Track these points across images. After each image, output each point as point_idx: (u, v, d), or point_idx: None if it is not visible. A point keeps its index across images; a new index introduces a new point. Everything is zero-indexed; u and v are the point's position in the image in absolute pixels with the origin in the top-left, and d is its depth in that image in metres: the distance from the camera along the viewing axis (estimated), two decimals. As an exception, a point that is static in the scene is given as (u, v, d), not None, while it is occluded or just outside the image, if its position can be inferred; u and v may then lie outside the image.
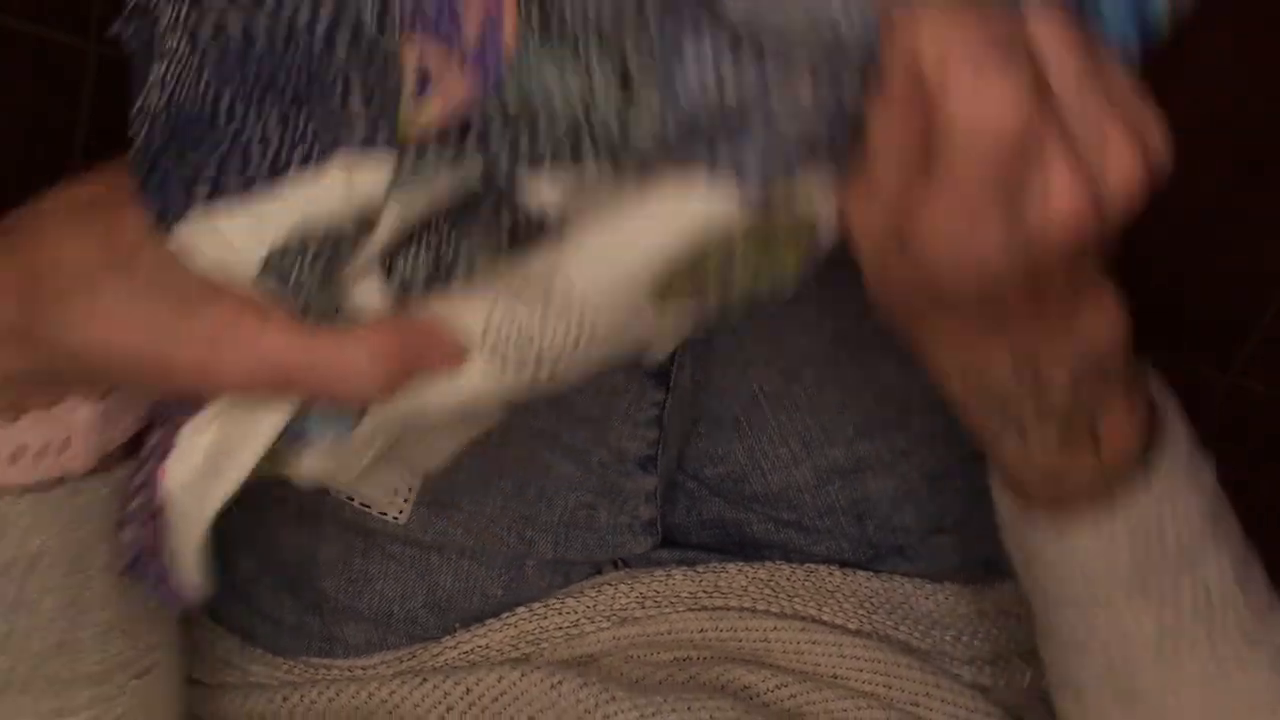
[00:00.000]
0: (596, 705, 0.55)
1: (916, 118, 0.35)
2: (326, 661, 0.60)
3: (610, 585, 0.60)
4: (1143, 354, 0.62)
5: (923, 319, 0.41)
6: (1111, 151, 0.36)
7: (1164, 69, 1.11)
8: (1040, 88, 0.34)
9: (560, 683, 0.56)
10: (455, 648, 0.59)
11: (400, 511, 0.57)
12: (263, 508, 0.59)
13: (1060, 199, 0.35)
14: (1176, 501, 0.46)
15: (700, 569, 0.61)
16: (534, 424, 0.59)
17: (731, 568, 0.61)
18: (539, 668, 0.57)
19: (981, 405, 0.44)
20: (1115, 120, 0.36)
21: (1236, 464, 1.33)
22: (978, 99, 0.33)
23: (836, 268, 0.41)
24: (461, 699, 0.57)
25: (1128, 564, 0.46)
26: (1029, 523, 0.47)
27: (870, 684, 0.60)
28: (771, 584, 0.61)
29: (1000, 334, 0.40)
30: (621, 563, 0.62)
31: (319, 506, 0.58)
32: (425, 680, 0.57)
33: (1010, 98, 0.33)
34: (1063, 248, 0.36)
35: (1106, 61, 0.37)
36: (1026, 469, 0.46)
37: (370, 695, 0.58)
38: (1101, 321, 0.42)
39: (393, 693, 0.57)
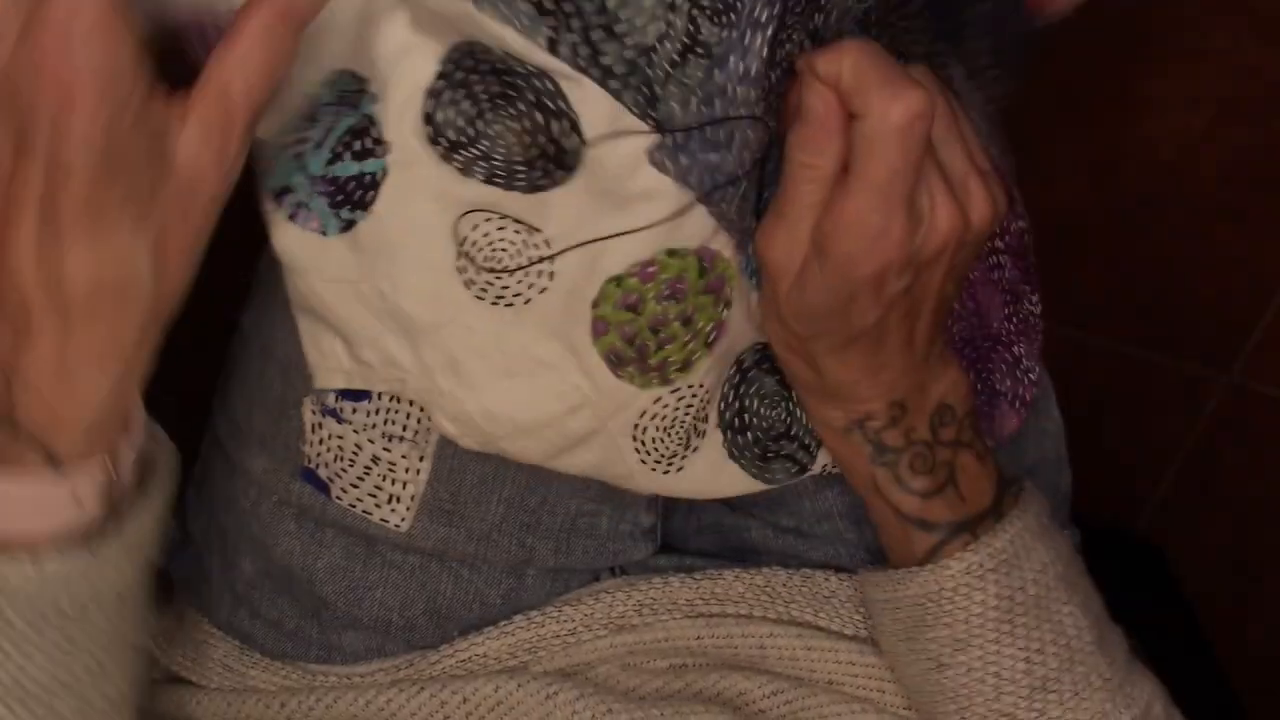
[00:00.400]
0: (593, 717, 0.56)
1: (833, 137, 0.46)
2: (324, 668, 0.60)
3: (608, 593, 0.60)
4: (1144, 354, 0.64)
5: (824, 352, 0.51)
6: (972, 196, 0.49)
7: (1164, 67, 1.11)
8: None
9: (556, 694, 0.56)
10: (453, 656, 0.59)
11: (402, 519, 0.57)
12: (264, 513, 0.59)
13: (941, 215, 0.48)
14: (1031, 550, 0.54)
15: (698, 576, 0.61)
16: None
17: (729, 574, 0.62)
18: (535, 678, 0.57)
19: (863, 450, 0.54)
20: (974, 173, 0.49)
21: (1237, 463, 1.34)
22: (891, 100, 0.45)
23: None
24: (458, 709, 0.57)
25: (994, 600, 0.53)
26: (910, 578, 0.54)
27: (865, 689, 0.60)
28: (768, 590, 0.62)
29: (881, 373, 0.52)
30: (620, 570, 0.62)
31: (320, 513, 0.58)
32: (422, 689, 0.58)
33: (916, 99, 0.45)
34: (940, 256, 0.49)
35: (968, 129, 0.50)
36: (904, 518, 0.54)
37: (368, 703, 0.58)
38: (950, 383, 0.54)
39: (389, 701, 0.58)
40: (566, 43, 0.45)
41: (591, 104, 0.45)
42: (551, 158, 0.46)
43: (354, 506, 0.57)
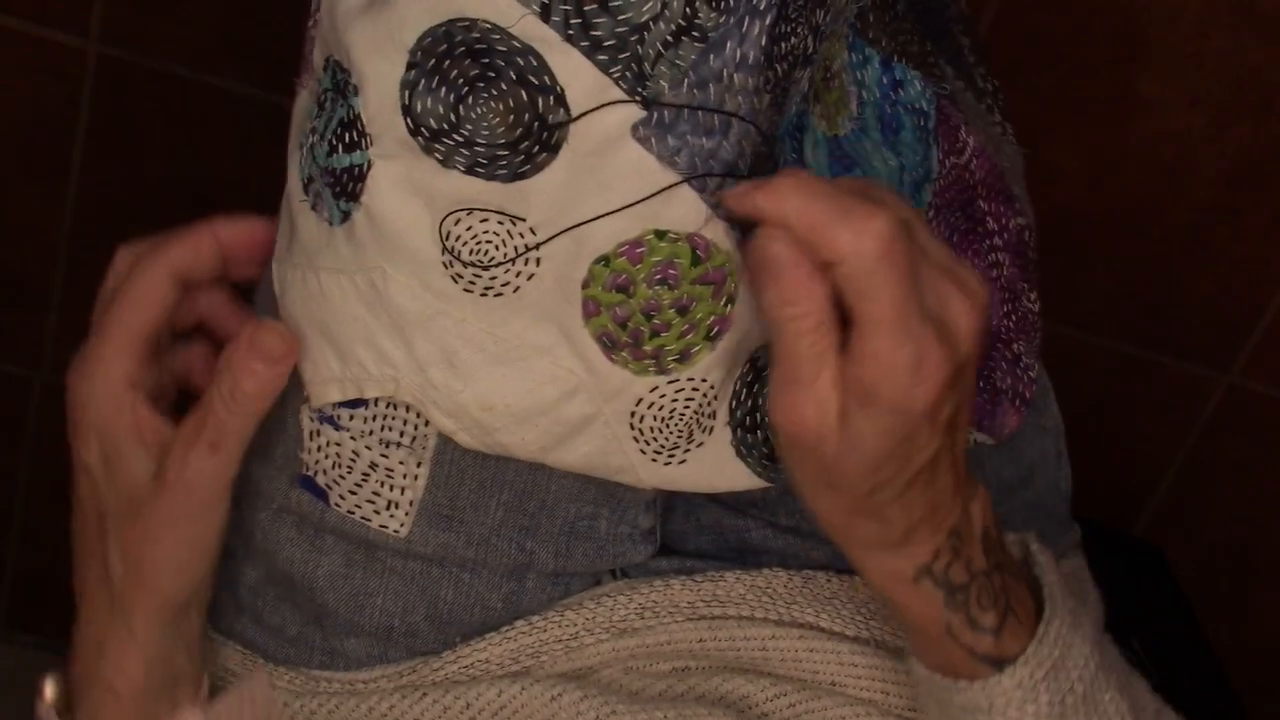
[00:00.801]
0: (597, 718, 0.56)
1: (809, 281, 0.44)
2: (327, 674, 0.60)
3: (609, 596, 0.60)
4: (1144, 354, 0.64)
5: (888, 502, 0.48)
6: (965, 276, 0.46)
7: (1164, 67, 1.12)
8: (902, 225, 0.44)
9: (559, 695, 0.56)
10: (455, 662, 0.59)
11: (401, 525, 0.57)
12: (264, 520, 0.59)
13: (958, 311, 0.45)
14: (1071, 645, 0.52)
15: (699, 578, 0.61)
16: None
17: (730, 576, 0.62)
18: (538, 681, 0.57)
19: (935, 597, 0.51)
20: (959, 263, 0.47)
21: (1236, 463, 1.35)
22: (858, 236, 0.42)
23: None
24: (461, 714, 0.57)
25: (1046, 709, 0.51)
26: (959, 690, 0.52)
27: (868, 691, 0.60)
28: (769, 591, 0.62)
29: (938, 503, 0.49)
30: (620, 572, 0.62)
31: (320, 520, 0.58)
32: (425, 695, 0.58)
33: (881, 224, 0.42)
34: (974, 353, 0.46)
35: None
36: (979, 659, 0.52)
37: (370, 710, 0.58)
38: (982, 501, 0.52)
39: (392, 707, 0.58)
40: (558, 11, 0.45)
41: (579, 76, 0.45)
42: (536, 137, 0.46)
43: (353, 513, 0.57)
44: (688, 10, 0.45)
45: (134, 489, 0.53)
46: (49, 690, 0.56)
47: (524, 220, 0.48)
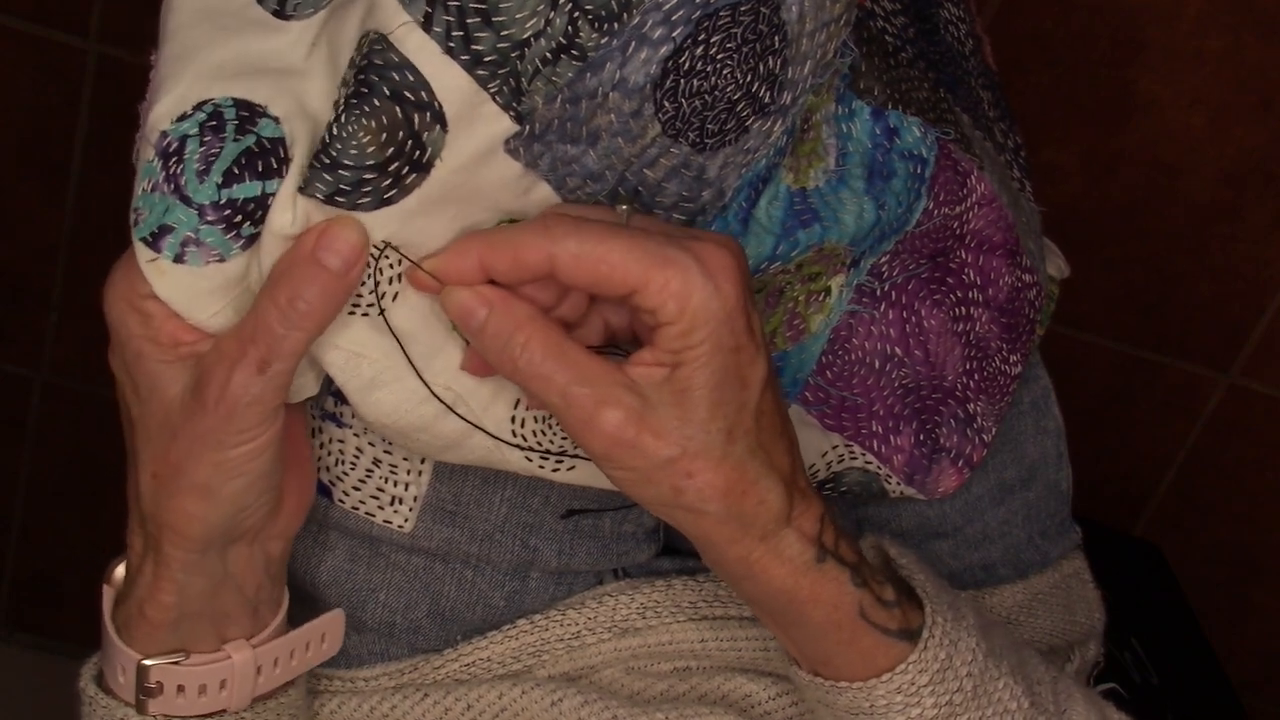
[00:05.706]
0: None
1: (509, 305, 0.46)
2: (329, 671, 0.60)
3: (611, 596, 0.60)
4: (1144, 354, 0.63)
5: (748, 454, 0.47)
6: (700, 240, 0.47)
7: (1164, 67, 1.12)
8: None
9: (560, 700, 0.56)
10: (456, 660, 0.59)
11: (405, 520, 0.57)
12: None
13: (706, 235, 0.47)
14: (956, 644, 0.51)
15: (701, 578, 0.61)
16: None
17: (732, 576, 0.61)
18: (539, 684, 0.57)
19: (841, 577, 0.50)
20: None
21: (1237, 463, 1.35)
22: (540, 236, 0.44)
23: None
24: (462, 715, 0.57)
25: (932, 711, 0.51)
26: (841, 692, 0.51)
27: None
28: (771, 591, 0.61)
29: (794, 448, 0.49)
30: (623, 572, 0.62)
31: (324, 516, 0.58)
32: (426, 695, 0.58)
33: (554, 219, 0.45)
34: (746, 262, 0.47)
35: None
36: (891, 635, 0.51)
37: (372, 709, 0.58)
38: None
39: (394, 707, 0.58)
40: (440, 22, 0.43)
41: (456, 91, 0.44)
42: (408, 157, 0.44)
43: (357, 509, 0.57)
44: (569, 29, 0.44)
45: (166, 407, 0.47)
46: (118, 573, 0.52)
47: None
